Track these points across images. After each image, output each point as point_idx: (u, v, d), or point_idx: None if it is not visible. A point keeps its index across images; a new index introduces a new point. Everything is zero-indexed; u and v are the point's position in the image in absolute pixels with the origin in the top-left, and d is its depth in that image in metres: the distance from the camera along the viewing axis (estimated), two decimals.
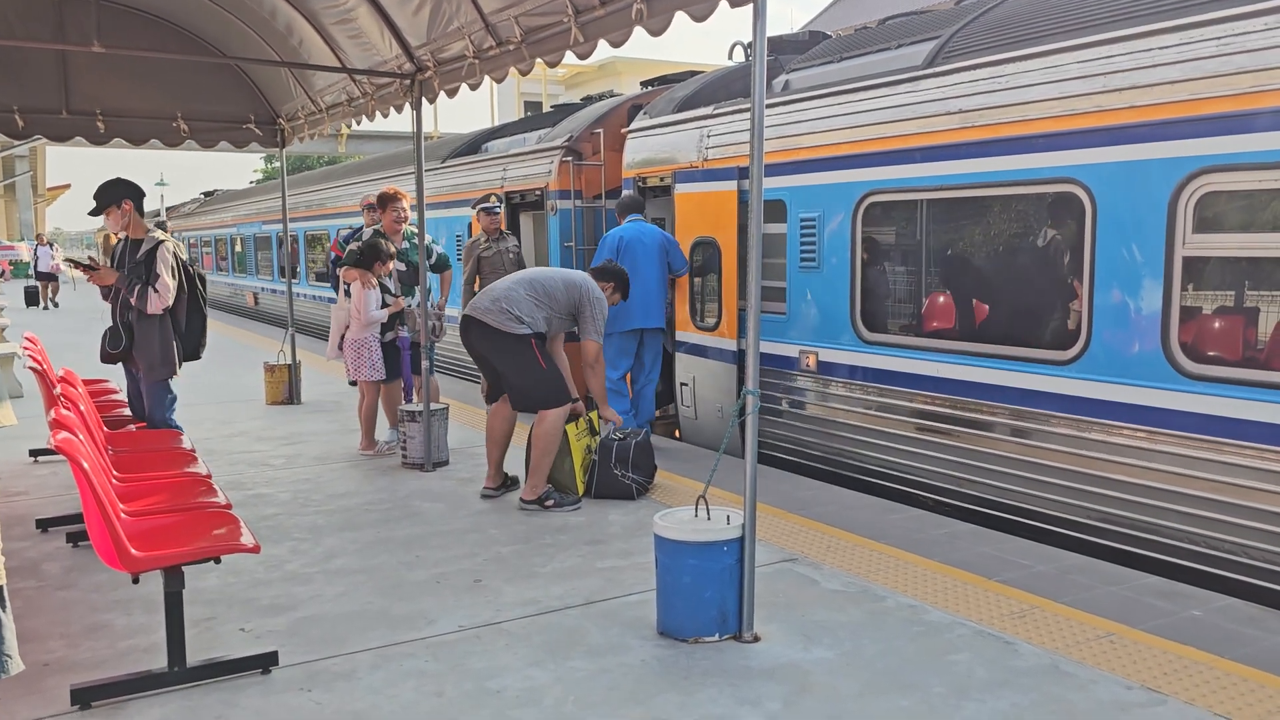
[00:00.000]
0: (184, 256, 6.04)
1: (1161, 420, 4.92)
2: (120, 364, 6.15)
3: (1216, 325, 4.84)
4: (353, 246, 7.67)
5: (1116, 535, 5.19)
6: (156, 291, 5.75)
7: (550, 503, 5.98)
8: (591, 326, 6.07)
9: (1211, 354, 4.79)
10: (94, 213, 5.94)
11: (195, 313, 6.12)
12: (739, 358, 7.59)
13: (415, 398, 7.67)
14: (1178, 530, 4.91)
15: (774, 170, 7.00)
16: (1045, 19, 5.64)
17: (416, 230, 7.39)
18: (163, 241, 5.86)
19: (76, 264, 7.14)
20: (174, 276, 5.86)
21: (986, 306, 5.94)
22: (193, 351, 6.19)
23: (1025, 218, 5.65)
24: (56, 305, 27.22)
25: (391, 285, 7.59)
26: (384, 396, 7.66)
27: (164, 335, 5.90)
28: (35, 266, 28.39)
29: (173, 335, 5.96)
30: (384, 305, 7.48)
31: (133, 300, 5.79)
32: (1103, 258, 5.15)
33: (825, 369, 6.87)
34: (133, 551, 3.44)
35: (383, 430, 7.88)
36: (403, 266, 7.65)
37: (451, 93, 6.73)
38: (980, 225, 5.90)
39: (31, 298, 27.53)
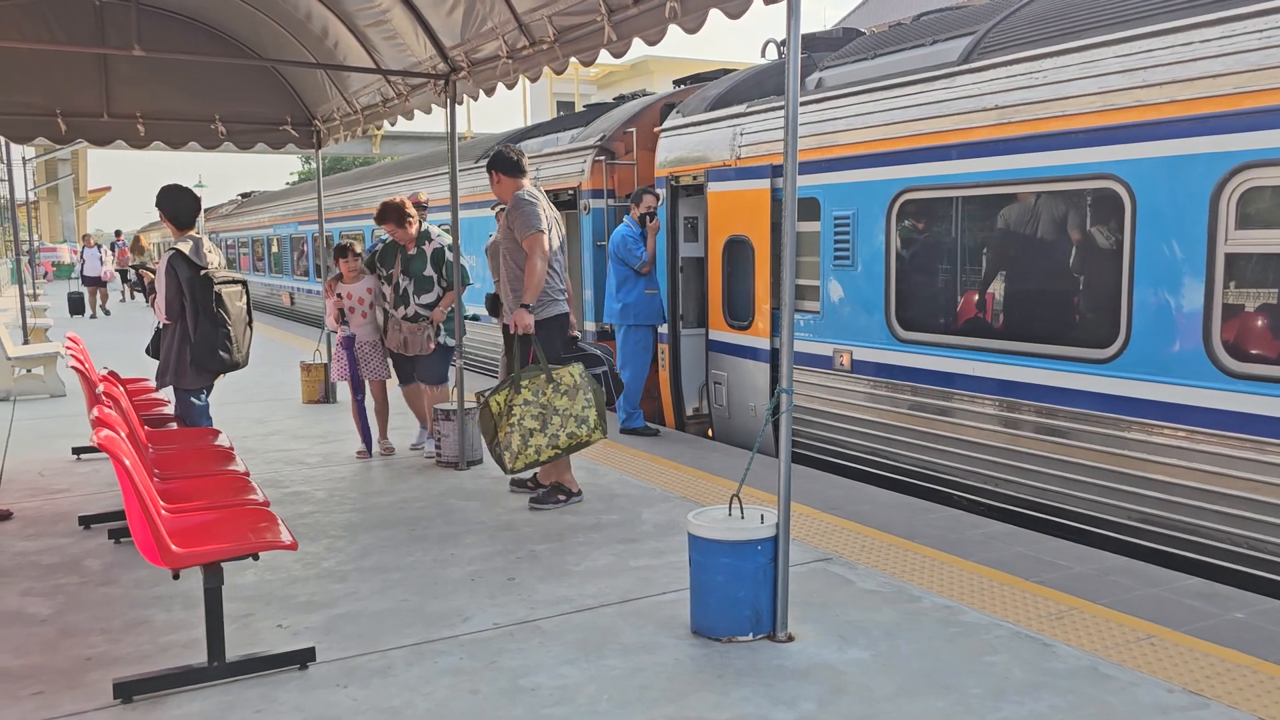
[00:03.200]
0: (207, 263, 5.77)
1: (1203, 419, 4.85)
2: None
3: (1260, 323, 4.76)
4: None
5: (1156, 536, 5.12)
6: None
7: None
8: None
9: (1255, 352, 4.71)
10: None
11: (206, 323, 5.75)
12: (772, 356, 7.56)
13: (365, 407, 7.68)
14: (1219, 531, 4.83)
15: (807, 168, 6.96)
16: (1083, 13, 5.57)
17: (431, 235, 7.40)
18: (171, 250, 5.82)
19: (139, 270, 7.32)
20: (175, 286, 5.69)
21: (1023, 304, 5.88)
22: (203, 361, 5.80)
23: (1063, 215, 5.58)
24: (108, 313, 23.99)
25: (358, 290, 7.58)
26: (429, 398, 7.60)
27: (171, 344, 5.79)
28: (82, 270, 24.50)
29: (182, 344, 5.75)
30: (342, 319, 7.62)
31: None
32: (1143, 255, 5.07)
33: (859, 368, 6.83)
34: (173, 548, 3.48)
35: (413, 432, 8.03)
36: (402, 276, 7.36)
37: (490, 91, 6.75)
38: (1017, 222, 5.84)
39: (76, 306, 23.98)
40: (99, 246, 25.19)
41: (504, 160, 6.05)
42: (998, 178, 5.79)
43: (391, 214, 7.31)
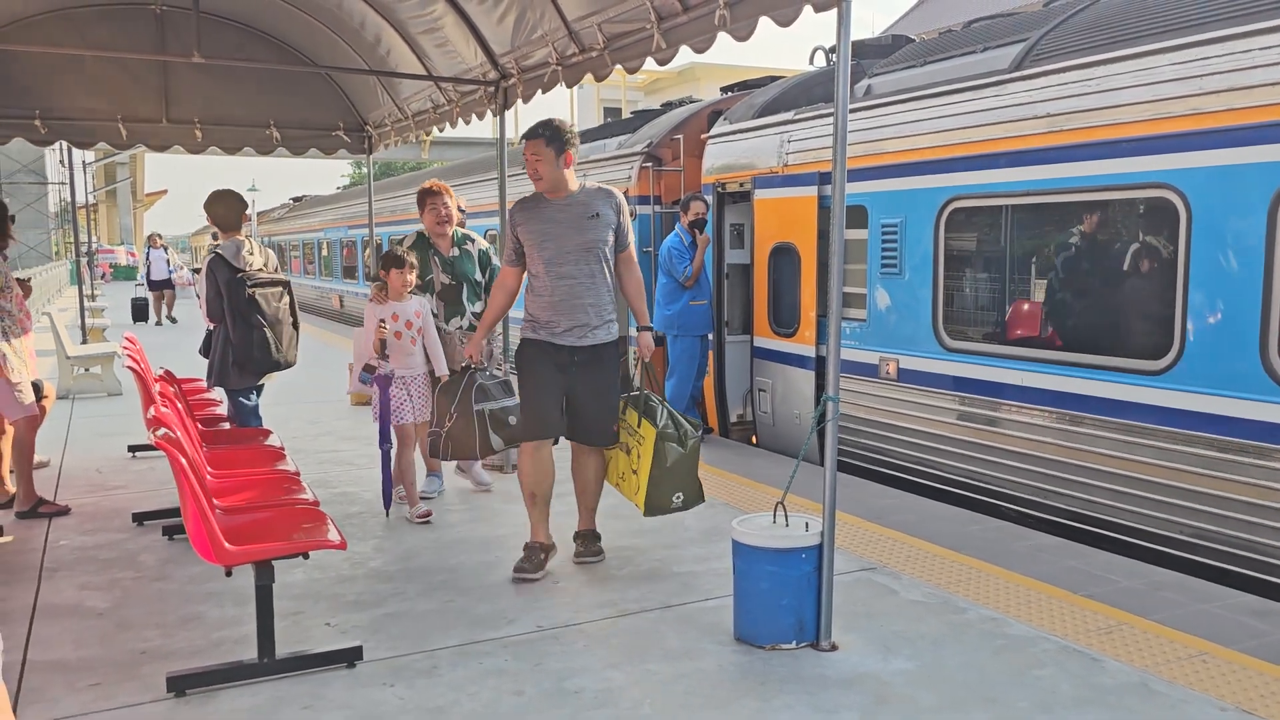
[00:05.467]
0: (245, 265, 5.83)
1: (1257, 433, 4.75)
2: None
3: None
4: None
5: (1209, 551, 5.03)
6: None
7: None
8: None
9: None
10: None
11: (242, 325, 5.79)
12: (818, 364, 7.53)
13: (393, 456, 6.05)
14: (1273, 547, 4.73)
15: (855, 175, 6.94)
16: (1137, 19, 5.50)
17: (473, 237, 6.56)
18: (212, 253, 5.95)
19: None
20: (215, 288, 5.82)
21: (1074, 315, 5.80)
22: (243, 363, 5.85)
23: (1115, 224, 5.51)
24: (174, 320, 21.54)
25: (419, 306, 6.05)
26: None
27: (217, 345, 5.95)
28: (148, 275, 22.07)
29: (225, 346, 5.87)
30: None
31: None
32: (1197, 265, 4.99)
33: (905, 376, 6.79)
34: (226, 545, 3.56)
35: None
36: (447, 280, 6.31)
37: (534, 97, 6.81)
38: (1068, 232, 5.77)
39: (140, 312, 21.75)
40: (166, 248, 22.75)
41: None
42: (1048, 186, 5.73)
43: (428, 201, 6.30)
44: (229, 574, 3.79)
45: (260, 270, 5.94)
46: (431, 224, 6.32)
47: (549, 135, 4.77)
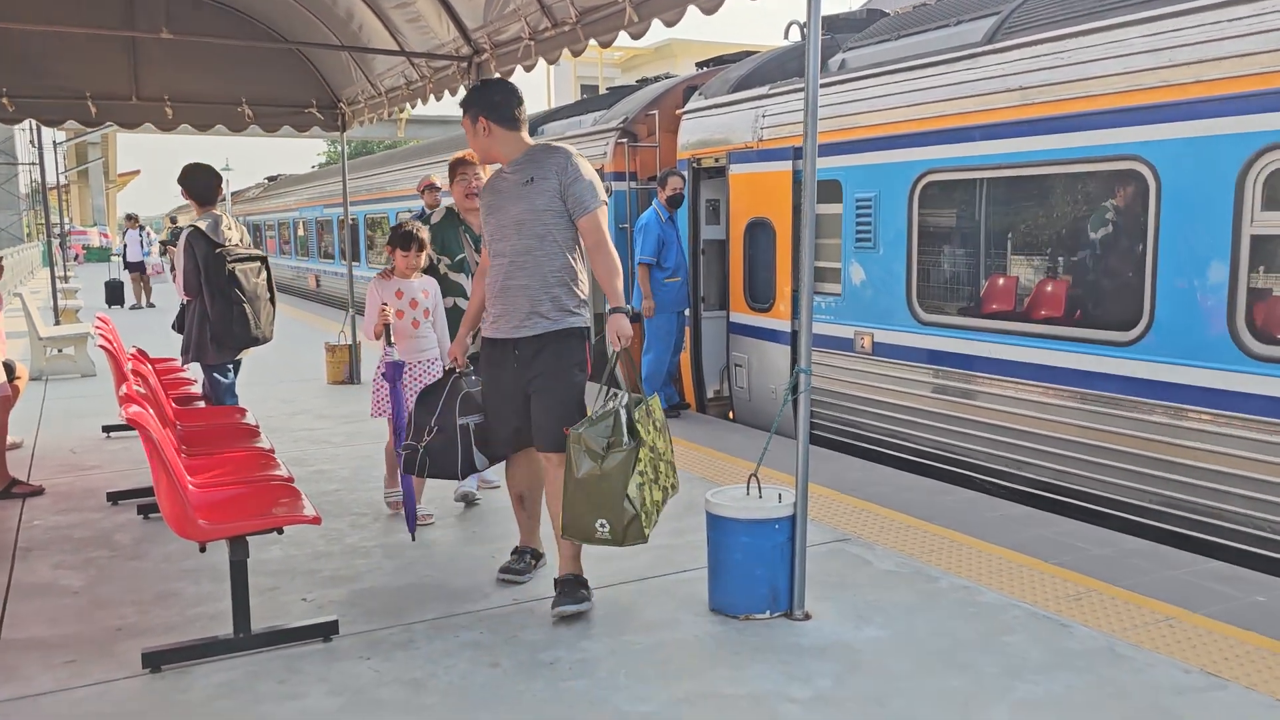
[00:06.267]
0: (224, 240, 5.80)
1: (1226, 403, 4.82)
2: None
3: None
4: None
5: (1178, 520, 5.10)
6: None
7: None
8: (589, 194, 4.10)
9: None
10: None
11: (221, 300, 5.74)
12: (793, 339, 7.56)
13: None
14: (1242, 515, 4.81)
15: (829, 150, 6.95)
16: None
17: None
18: (189, 227, 5.89)
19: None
20: (193, 263, 5.77)
21: (1045, 287, 5.85)
22: (221, 338, 5.82)
23: (1087, 196, 5.55)
24: (153, 305, 20.79)
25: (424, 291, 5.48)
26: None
27: (193, 321, 5.90)
28: (125, 255, 21.78)
29: (202, 321, 5.83)
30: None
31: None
32: (1167, 237, 5.04)
33: (880, 350, 6.83)
34: (199, 521, 3.55)
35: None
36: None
37: (512, 74, 6.76)
38: (1040, 204, 5.81)
39: (114, 294, 20.97)
40: (143, 229, 22.54)
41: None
42: (1021, 159, 5.76)
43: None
44: (203, 549, 3.79)
45: (239, 245, 5.91)
46: (461, 197, 5.60)
47: (464, 103, 4.18)
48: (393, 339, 5.23)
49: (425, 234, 5.45)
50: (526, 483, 4.43)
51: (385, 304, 5.24)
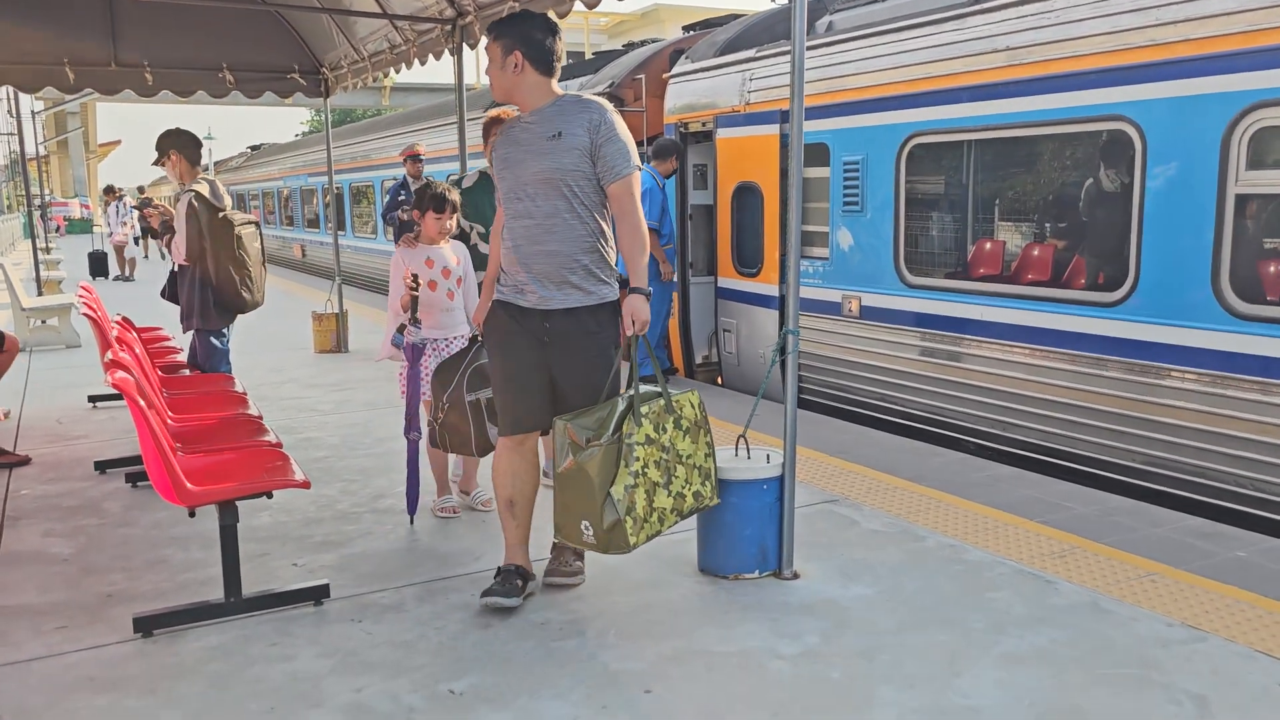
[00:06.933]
0: (223, 205, 5.83)
1: (1211, 362, 4.85)
2: None
3: (1271, 266, 4.75)
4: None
5: (1163, 478, 5.15)
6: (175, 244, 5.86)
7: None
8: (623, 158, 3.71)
9: (1264, 294, 4.70)
10: (155, 163, 6.04)
11: (228, 264, 5.77)
12: (782, 303, 7.57)
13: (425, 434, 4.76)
14: (1224, 473, 4.86)
15: (816, 113, 6.92)
16: None
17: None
18: (189, 192, 5.86)
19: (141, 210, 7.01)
20: (196, 228, 5.73)
21: (1033, 248, 5.87)
22: (227, 302, 5.86)
23: (1073, 157, 5.55)
24: (131, 279, 20.28)
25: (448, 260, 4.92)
26: None
27: (193, 286, 5.84)
28: (110, 227, 21.78)
29: (204, 287, 5.80)
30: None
31: (169, 250, 5.93)
32: (1152, 197, 5.05)
33: (868, 313, 6.84)
34: (188, 485, 3.55)
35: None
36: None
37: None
38: (1026, 166, 5.81)
39: (98, 265, 20.74)
40: (121, 199, 22.29)
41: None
42: (1008, 120, 5.75)
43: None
44: (192, 514, 3.79)
45: (232, 210, 5.93)
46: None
47: (496, 31, 3.74)
48: (418, 315, 4.67)
49: (456, 196, 4.94)
50: (519, 485, 3.86)
51: (415, 274, 4.68)
